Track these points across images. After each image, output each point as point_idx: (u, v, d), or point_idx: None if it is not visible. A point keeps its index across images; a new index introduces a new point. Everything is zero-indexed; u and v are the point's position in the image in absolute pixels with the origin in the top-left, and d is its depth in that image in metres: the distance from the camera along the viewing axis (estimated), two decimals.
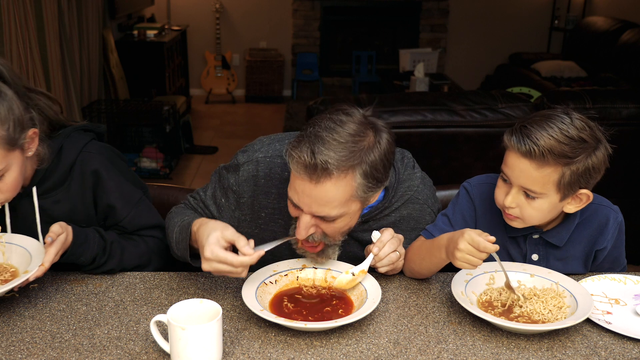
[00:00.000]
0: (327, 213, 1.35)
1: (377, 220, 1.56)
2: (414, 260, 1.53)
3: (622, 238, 1.58)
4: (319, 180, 1.30)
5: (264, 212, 1.58)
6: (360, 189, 1.34)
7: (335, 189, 1.31)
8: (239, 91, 7.33)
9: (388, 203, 1.54)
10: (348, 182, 1.32)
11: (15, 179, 1.42)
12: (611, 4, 6.61)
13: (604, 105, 2.97)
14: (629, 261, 1.65)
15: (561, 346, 1.30)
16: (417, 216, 1.59)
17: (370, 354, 1.26)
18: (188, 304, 1.24)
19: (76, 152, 1.56)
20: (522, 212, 1.44)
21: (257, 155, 1.57)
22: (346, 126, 1.31)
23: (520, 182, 1.40)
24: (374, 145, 1.33)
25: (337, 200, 1.33)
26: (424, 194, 1.59)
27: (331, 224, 1.39)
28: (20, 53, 3.38)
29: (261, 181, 1.56)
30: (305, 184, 1.32)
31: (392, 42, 7.43)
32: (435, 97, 3.14)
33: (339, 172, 1.29)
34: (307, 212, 1.36)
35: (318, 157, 1.28)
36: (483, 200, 1.58)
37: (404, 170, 1.58)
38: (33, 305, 1.41)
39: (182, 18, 7.08)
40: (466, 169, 2.97)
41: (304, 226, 1.38)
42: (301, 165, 1.30)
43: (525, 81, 5.62)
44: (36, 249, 1.45)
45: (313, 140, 1.30)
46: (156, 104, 5.04)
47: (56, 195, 1.57)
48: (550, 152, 1.34)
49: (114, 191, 1.59)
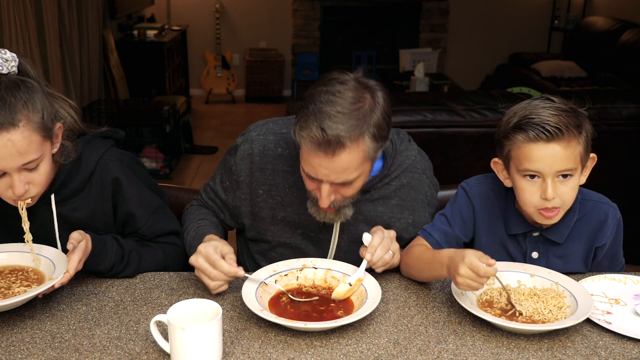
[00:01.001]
0: (345, 179, 1.42)
1: (378, 189, 1.61)
2: (414, 268, 1.52)
3: (620, 235, 1.58)
4: (334, 153, 1.36)
5: (261, 189, 1.63)
6: (371, 150, 1.41)
7: (350, 157, 1.38)
8: (239, 91, 7.33)
9: (387, 171, 1.60)
10: (360, 148, 1.38)
11: (48, 171, 1.43)
12: (611, 4, 6.61)
13: (604, 105, 2.97)
14: (629, 261, 1.65)
15: (561, 346, 1.30)
16: (417, 185, 1.64)
17: (370, 354, 1.26)
18: (188, 304, 1.24)
19: (96, 159, 1.56)
20: (562, 199, 1.42)
21: (252, 135, 1.65)
22: (345, 95, 1.37)
23: (556, 167, 1.39)
24: (374, 107, 1.39)
25: (353, 166, 1.40)
26: (421, 164, 1.66)
27: (350, 187, 1.46)
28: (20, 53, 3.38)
29: (256, 159, 1.62)
30: (321, 159, 1.38)
31: (392, 42, 7.43)
32: (435, 97, 3.14)
33: (352, 142, 1.36)
34: (326, 181, 1.43)
35: (329, 132, 1.34)
36: (482, 199, 1.58)
37: (401, 142, 1.65)
38: (33, 305, 1.41)
39: (182, 18, 7.08)
40: (466, 169, 2.97)
41: (325, 194, 1.45)
42: (314, 143, 1.36)
43: (525, 81, 5.61)
44: (58, 257, 1.45)
45: (319, 116, 1.35)
46: (156, 104, 5.04)
47: (75, 203, 1.55)
48: (568, 127, 1.37)
49: (133, 199, 1.59)
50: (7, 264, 1.48)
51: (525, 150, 1.40)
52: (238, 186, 1.65)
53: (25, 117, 1.34)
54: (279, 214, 1.63)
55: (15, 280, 1.41)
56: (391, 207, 1.63)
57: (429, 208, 1.68)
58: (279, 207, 1.62)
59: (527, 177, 1.43)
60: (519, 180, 1.45)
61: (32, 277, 1.44)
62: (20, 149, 1.33)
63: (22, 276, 1.43)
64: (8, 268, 1.47)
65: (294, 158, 1.58)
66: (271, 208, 1.63)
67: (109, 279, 1.54)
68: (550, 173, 1.40)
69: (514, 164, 1.44)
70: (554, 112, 1.39)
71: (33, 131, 1.35)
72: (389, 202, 1.63)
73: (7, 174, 1.37)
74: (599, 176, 1.44)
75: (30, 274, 1.45)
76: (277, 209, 1.62)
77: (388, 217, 1.63)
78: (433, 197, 1.69)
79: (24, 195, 1.41)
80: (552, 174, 1.40)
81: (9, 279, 1.42)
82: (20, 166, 1.36)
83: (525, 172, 1.42)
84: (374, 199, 1.61)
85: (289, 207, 1.62)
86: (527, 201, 1.45)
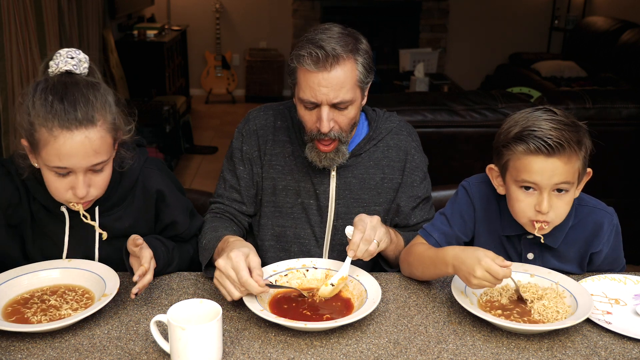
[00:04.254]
0: (342, 97, 1.52)
1: (367, 151, 1.72)
2: (417, 267, 1.52)
3: (619, 240, 1.58)
4: (332, 66, 1.50)
5: (264, 160, 1.73)
6: (362, 74, 1.55)
7: (344, 73, 1.51)
8: (239, 91, 7.33)
9: (373, 133, 1.72)
10: (352, 66, 1.53)
11: (109, 176, 1.44)
12: (611, 4, 6.61)
13: (604, 105, 2.97)
14: (629, 261, 1.65)
15: (561, 346, 1.30)
16: (405, 147, 1.74)
17: (370, 354, 1.26)
18: (188, 304, 1.24)
19: (138, 169, 1.57)
20: (555, 213, 1.42)
21: (252, 114, 1.77)
22: (332, 29, 1.55)
23: (554, 181, 1.39)
24: (359, 39, 1.57)
25: (348, 84, 1.52)
26: (406, 128, 1.79)
27: (344, 113, 1.56)
28: (20, 53, 3.38)
29: (260, 132, 1.74)
30: (320, 76, 1.50)
31: (392, 42, 7.42)
32: (435, 97, 3.14)
33: (345, 56, 1.51)
34: (325, 103, 1.53)
35: (326, 47, 1.49)
36: (482, 199, 1.58)
37: (384, 113, 1.79)
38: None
39: (182, 18, 7.08)
40: (466, 169, 2.96)
41: (326, 117, 1.54)
42: (314, 60, 1.49)
43: (525, 81, 5.61)
44: (103, 270, 1.47)
45: (313, 41, 1.51)
46: (156, 104, 5.04)
47: (118, 212, 1.56)
48: (569, 142, 1.37)
49: (176, 208, 1.62)
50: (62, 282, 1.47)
51: (525, 161, 1.40)
52: (253, 163, 1.73)
53: (102, 117, 1.36)
54: (280, 183, 1.72)
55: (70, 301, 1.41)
56: (382, 167, 1.72)
57: (419, 172, 1.74)
58: (279, 177, 1.72)
59: (523, 188, 1.43)
60: (514, 191, 1.45)
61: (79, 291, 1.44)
62: (95, 148, 1.35)
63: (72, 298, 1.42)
64: (63, 287, 1.46)
65: (292, 129, 1.72)
66: (272, 178, 1.72)
67: None
68: (548, 186, 1.40)
69: (511, 173, 1.44)
70: (556, 125, 1.38)
71: (107, 132, 1.37)
72: (380, 163, 1.72)
73: (73, 173, 1.37)
74: (599, 176, 1.44)
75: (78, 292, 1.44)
76: (278, 178, 1.72)
77: (380, 178, 1.72)
78: (422, 163, 1.76)
79: (84, 198, 1.40)
80: (550, 187, 1.40)
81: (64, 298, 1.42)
82: (90, 166, 1.36)
83: (523, 183, 1.42)
84: (365, 161, 1.71)
85: (288, 175, 1.71)
86: (520, 212, 1.45)
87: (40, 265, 1.49)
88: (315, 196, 1.70)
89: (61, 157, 1.33)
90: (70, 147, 1.32)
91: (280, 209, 1.73)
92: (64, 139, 1.32)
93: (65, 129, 1.31)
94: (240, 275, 1.33)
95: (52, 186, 1.39)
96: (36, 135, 1.34)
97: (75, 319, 1.30)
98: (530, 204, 1.42)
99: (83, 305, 1.38)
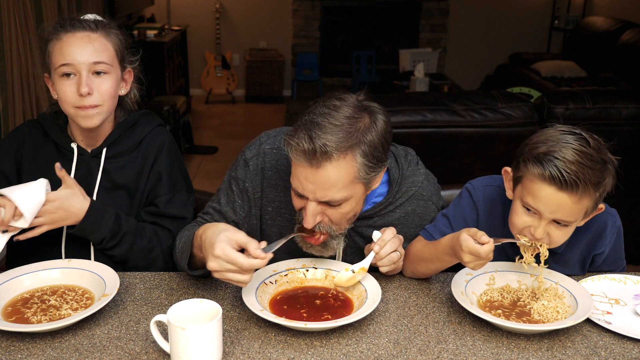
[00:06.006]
0: (331, 197, 1.35)
1: (382, 216, 1.55)
2: (419, 263, 1.52)
3: (620, 240, 1.58)
4: (319, 164, 1.30)
5: (271, 207, 1.57)
6: (362, 170, 1.34)
7: (337, 171, 1.32)
8: (239, 91, 7.33)
9: (392, 198, 1.54)
10: (349, 163, 1.32)
11: (113, 87, 1.57)
12: (611, 4, 6.61)
13: (604, 105, 2.96)
14: (629, 261, 1.65)
15: (561, 346, 1.30)
16: (422, 212, 1.58)
17: (370, 354, 1.26)
18: (188, 304, 1.24)
19: (150, 128, 1.71)
20: (550, 240, 1.40)
21: (264, 147, 1.57)
22: (341, 110, 1.33)
23: (556, 216, 1.35)
24: (370, 126, 1.34)
25: (340, 183, 1.33)
26: (428, 190, 1.59)
27: (337, 209, 1.38)
28: (20, 53, 3.38)
29: (268, 173, 1.55)
30: (306, 171, 1.33)
31: (392, 42, 7.42)
32: (435, 97, 3.13)
33: (339, 154, 1.30)
34: (312, 199, 1.36)
35: (316, 141, 1.29)
36: (486, 203, 1.57)
37: (408, 166, 1.57)
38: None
39: (182, 18, 7.07)
40: (466, 169, 2.97)
41: (311, 214, 1.37)
42: (300, 152, 1.31)
43: (525, 81, 5.61)
44: (103, 270, 1.47)
45: (309, 126, 1.31)
46: (156, 104, 5.04)
47: (123, 162, 1.67)
48: (586, 182, 1.30)
49: (167, 166, 1.70)
50: (62, 283, 1.48)
51: (535, 186, 1.35)
52: (252, 204, 1.57)
53: (106, 32, 1.58)
54: (287, 232, 1.53)
55: (70, 301, 1.41)
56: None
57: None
58: (287, 225, 1.55)
59: (526, 208, 1.40)
60: (517, 205, 1.42)
61: (78, 291, 1.45)
62: (96, 46, 1.54)
63: (72, 298, 1.42)
64: (63, 287, 1.46)
65: None
66: (279, 226, 1.57)
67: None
68: (549, 217, 1.36)
69: (520, 190, 1.40)
70: (581, 159, 1.30)
71: (110, 43, 1.58)
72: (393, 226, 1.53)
73: (77, 75, 1.52)
74: None
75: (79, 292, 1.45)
76: (285, 227, 1.56)
77: None
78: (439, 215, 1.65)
79: (86, 98, 1.52)
80: (550, 218, 1.36)
81: (64, 298, 1.42)
82: (90, 63, 1.53)
83: (526, 205, 1.39)
84: (377, 225, 1.53)
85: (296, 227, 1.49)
86: (515, 226, 1.43)
87: (40, 265, 1.49)
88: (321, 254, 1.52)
89: (64, 53, 1.52)
90: (71, 43, 1.52)
91: (287, 253, 1.54)
92: (67, 38, 1.53)
93: (69, 32, 1.54)
94: (240, 264, 1.25)
95: (60, 91, 1.54)
96: (49, 51, 1.55)
97: (75, 319, 1.30)
98: (527, 223, 1.40)
99: (83, 305, 1.38)
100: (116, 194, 1.66)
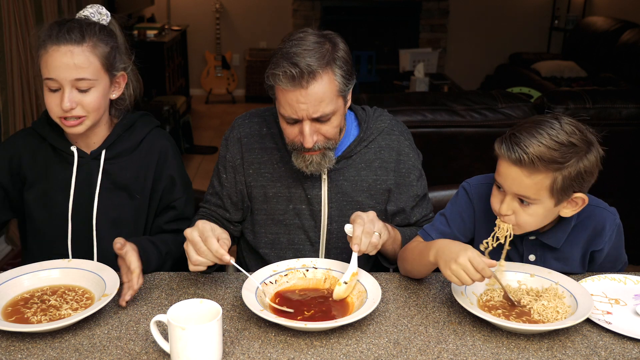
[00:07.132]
0: (322, 111, 1.49)
1: (359, 153, 1.69)
2: (407, 260, 1.53)
3: (620, 239, 1.58)
4: (308, 83, 1.46)
5: (252, 169, 1.71)
6: (341, 83, 1.51)
7: (323, 87, 1.48)
8: (239, 91, 7.33)
9: (364, 135, 1.70)
10: (330, 78, 1.49)
11: (97, 99, 1.56)
12: (611, 4, 6.61)
13: (604, 105, 2.97)
14: (629, 261, 1.65)
15: (561, 346, 1.30)
16: (397, 147, 1.71)
17: (370, 354, 1.26)
18: (188, 304, 1.24)
19: (148, 129, 1.72)
20: (517, 219, 1.43)
21: (237, 122, 1.77)
22: (307, 39, 1.50)
23: (514, 190, 1.40)
24: (335, 46, 1.53)
25: (327, 98, 1.49)
26: (398, 127, 1.76)
27: (328, 124, 1.53)
28: (20, 53, 3.38)
29: (244, 140, 1.72)
30: (297, 93, 1.47)
31: (392, 42, 7.42)
32: (435, 97, 3.14)
33: (322, 71, 1.47)
34: (306, 118, 1.50)
35: (301, 64, 1.44)
36: (482, 200, 1.58)
37: (374, 111, 1.76)
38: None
39: (182, 18, 7.08)
40: (466, 169, 2.97)
41: (308, 133, 1.52)
42: (289, 78, 1.45)
43: (525, 81, 5.61)
44: (103, 270, 1.47)
45: (288, 56, 1.46)
46: (156, 104, 5.04)
47: (123, 162, 1.68)
48: (540, 159, 1.34)
49: (177, 168, 1.74)
50: (61, 283, 1.48)
51: (500, 161, 1.42)
52: (235, 171, 1.72)
53: (93, 43, 1.53)
54: (270, 191, 1.70)
55: (70, 301, 1.41)
56: (374, 169, 1.70)
57: (415, 171, 1.73)
58: (269, 184, 1.70)
59: (497, 184, 1.45)
60: (494, 184, 1.47)
61: (79, 291, 1.45)
62: (77, 63, 1.50)
63: (72, 298, 1.42)
64: (63, 287, 1.47)
65: (279, 135, 1.68)
66: (262, 186, 1.70)
67: None
68: (509, 192, 1.41)
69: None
70: (537, 137, 1.35)
71: (95, 57, 1.53)
72: (372, 165, 1.69)
73: (61, 89, 1.52)
74: (600, 176, 1.43)
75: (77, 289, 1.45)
76: (268, 185, 1.70)
77: (373, 180, 1.69)
78: (416, 161, 1.75)
79: (69, 112, 1.52)
80: (511, 193, 1.41)
81: (64, 298, 1.42)
82: (72, 80, 1.51)
83: (496, 180, 1.45)
84: (357, 164, 1.69)
85: (278, 182, 1.69)
86: (492, 205, 1.48)
87: (40, 265, 1.49)
88: (307, 201, 1.69)
89: (49, 67, 1.51)
90: (55, 57, 1.50)
91: (272, 216, 1.71)
92: (52, 52, 1.51)
93: (54, 45, 1.50)
94: (205, 236, 1.37)
95: (46, 102, 1.55)
96: (38, 58, 1.53)
97: (75, 319, 1.30)
98: (497, 201, 1.45)
99: (83, 305, 1.39)
100: (117, 194, 1.67)
